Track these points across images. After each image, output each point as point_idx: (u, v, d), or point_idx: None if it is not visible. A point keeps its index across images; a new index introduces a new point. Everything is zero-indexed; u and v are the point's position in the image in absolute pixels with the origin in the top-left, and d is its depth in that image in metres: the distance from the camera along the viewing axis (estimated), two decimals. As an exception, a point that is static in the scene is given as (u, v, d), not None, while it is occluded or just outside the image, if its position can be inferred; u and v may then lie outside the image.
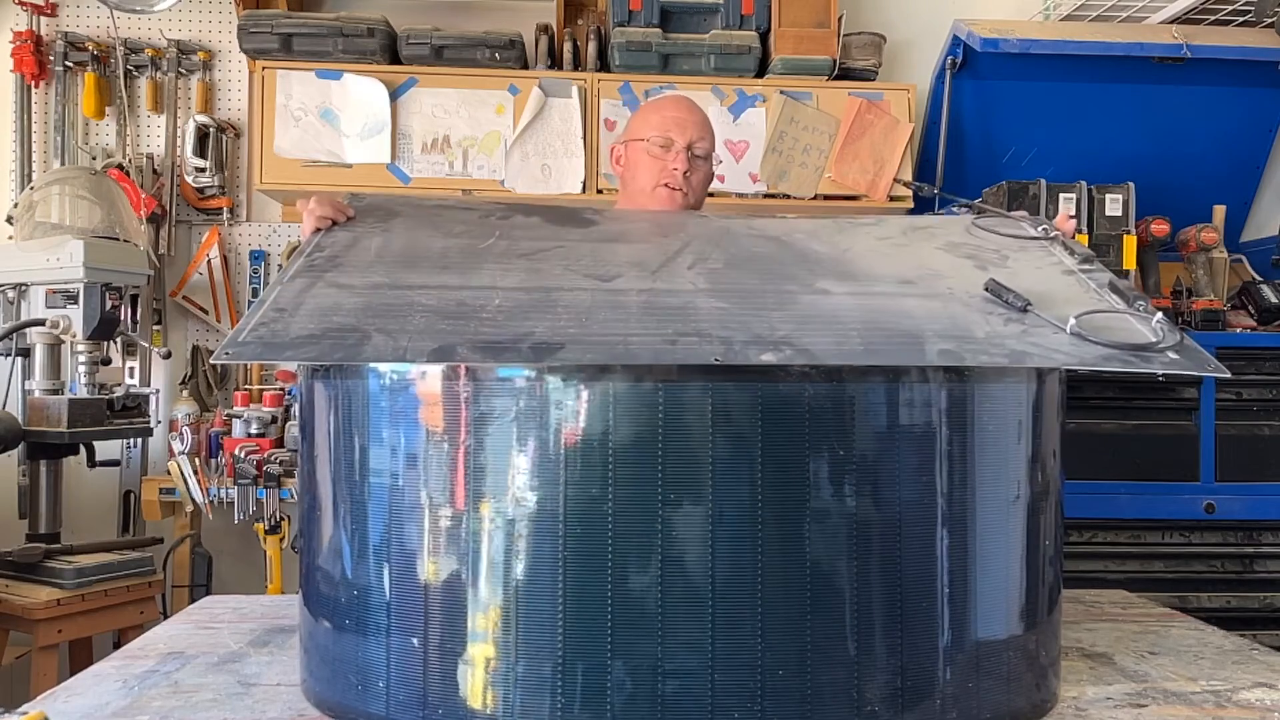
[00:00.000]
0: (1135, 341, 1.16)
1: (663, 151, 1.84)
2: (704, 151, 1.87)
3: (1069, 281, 1.36)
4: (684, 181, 1.84)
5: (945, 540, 1.04)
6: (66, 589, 2.34)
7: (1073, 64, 2.91)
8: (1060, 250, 1.45)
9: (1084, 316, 1.19)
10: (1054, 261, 1.42)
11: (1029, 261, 1.43)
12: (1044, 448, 1.14)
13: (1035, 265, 1.42)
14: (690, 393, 0.98)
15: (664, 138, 1.85)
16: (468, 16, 3.21)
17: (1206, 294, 2.80)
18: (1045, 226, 1.50)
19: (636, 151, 1.89)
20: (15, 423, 2.46)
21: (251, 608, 1.59)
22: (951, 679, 1.04)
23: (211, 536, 3.00)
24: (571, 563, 0.99)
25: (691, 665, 0.98)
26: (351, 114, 2.88)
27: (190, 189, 3.09)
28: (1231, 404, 2.68)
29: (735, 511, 0.98)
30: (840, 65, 3.02)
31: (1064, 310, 1.22)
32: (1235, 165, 3.16)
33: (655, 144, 1.85)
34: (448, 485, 1.03)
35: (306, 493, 1.20)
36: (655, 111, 1.92)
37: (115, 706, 1.11)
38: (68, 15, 3.13)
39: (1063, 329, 1.18)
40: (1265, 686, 1.22)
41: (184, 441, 2.60)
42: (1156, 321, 1.19)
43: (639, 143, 1.88)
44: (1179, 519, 2.65)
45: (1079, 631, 1.47)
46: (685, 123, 1.87)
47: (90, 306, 2.49)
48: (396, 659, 1.05)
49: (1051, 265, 1.41)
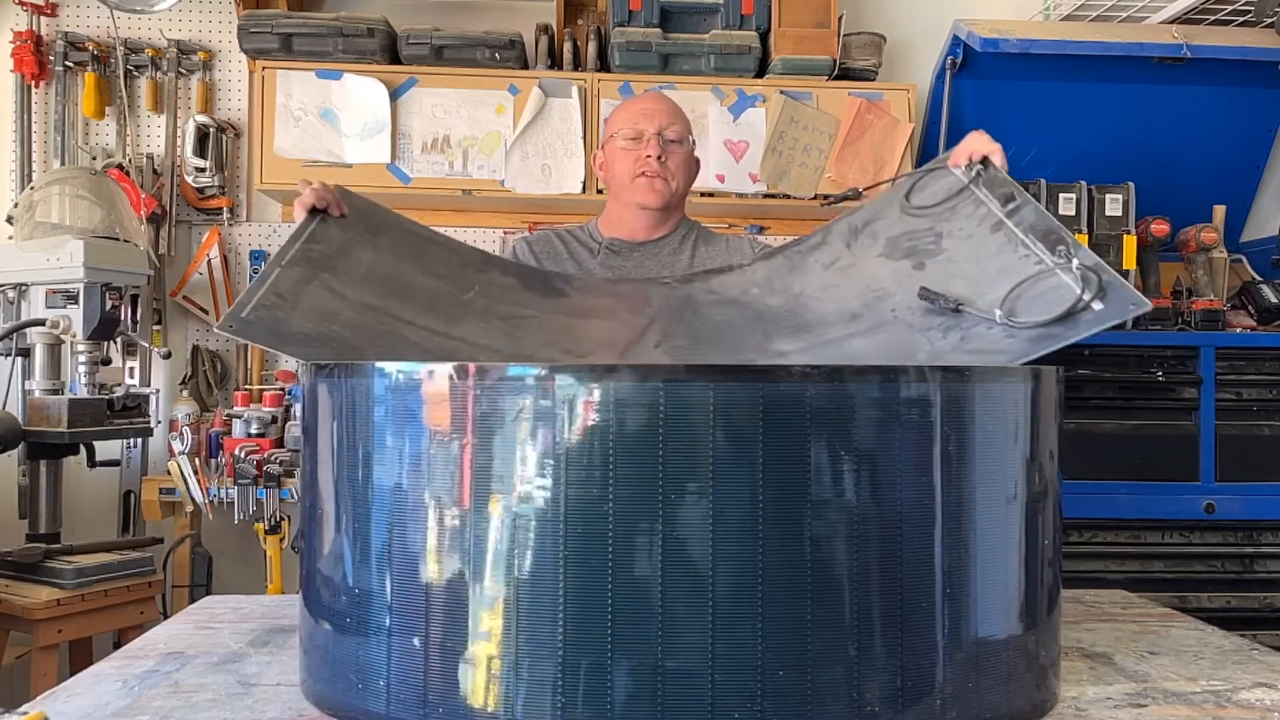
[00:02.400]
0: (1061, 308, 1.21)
1: (634, 143, 1.88)
2: (677, 135, 1.89)
3: (998, 241, 1.43)
4: (661, 167, 1.87)
5: (945, 540, 1.04)
6: (66, 589, 2.34)
7: (1073, 64, 2.91)
8: (984, 193, 1.51)
9: (1010, 297, 1.24)
10: (982, 215, 1.49)
11: (960, 229, 1.50)
12: (1042, 447, 1.14)
13: (966, 233, 1.49)
14: (693, 392, 0.98)
15: (633, 129, 1.89)
16: (468, 16, 3.21)
17: (1206, 294, 2.80)
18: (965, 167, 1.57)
19: (611, 150, 1.93)
20: (15, 423, 2.46)
21: (251, 608, 1.59)
22: (951, 679, 1.04)
23: (211, 536, 3.00)
24: (573, 562, 0.99)
25: (692, 665, 0.98)
26: (351, 114, 2.89)
27: (190, 189, 3.09)
28: (1231, 404, 2.68)
29: (736, 511, 0.98)
30: (840, 65, 3.02)
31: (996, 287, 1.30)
32: (1235, 165, 3.16)
33: (626, 137, 1.89)
34: (450, 484, 1.03)
35: (308, 492, 1.20)
36: (624, 109, 1.97)
37: (115, 706, 1.11)
38: (68, 15, 3.13)
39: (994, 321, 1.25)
40: (1265, 686, 1.22)
41: (184, 441, 2.60)
42: (1077, 268, 1.23)
43: (612, 141, 1.93)
44: (1179, 519, 2.65)
45: (1079, 631, 1.47)
46: (652, 112, 1.90)
47: (90, 306, 2.49)
48: (397, 658, 1.05)
49: (980, 222, 1.48)
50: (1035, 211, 1.42)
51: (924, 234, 1.53)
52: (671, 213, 1.94)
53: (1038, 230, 1.37)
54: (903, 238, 1.57)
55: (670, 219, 1.95)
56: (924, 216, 1.57)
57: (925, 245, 1.51)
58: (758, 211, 3.15)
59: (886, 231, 1.61)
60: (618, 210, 1.96)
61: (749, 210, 3.13)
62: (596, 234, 1.96)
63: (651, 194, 1.87)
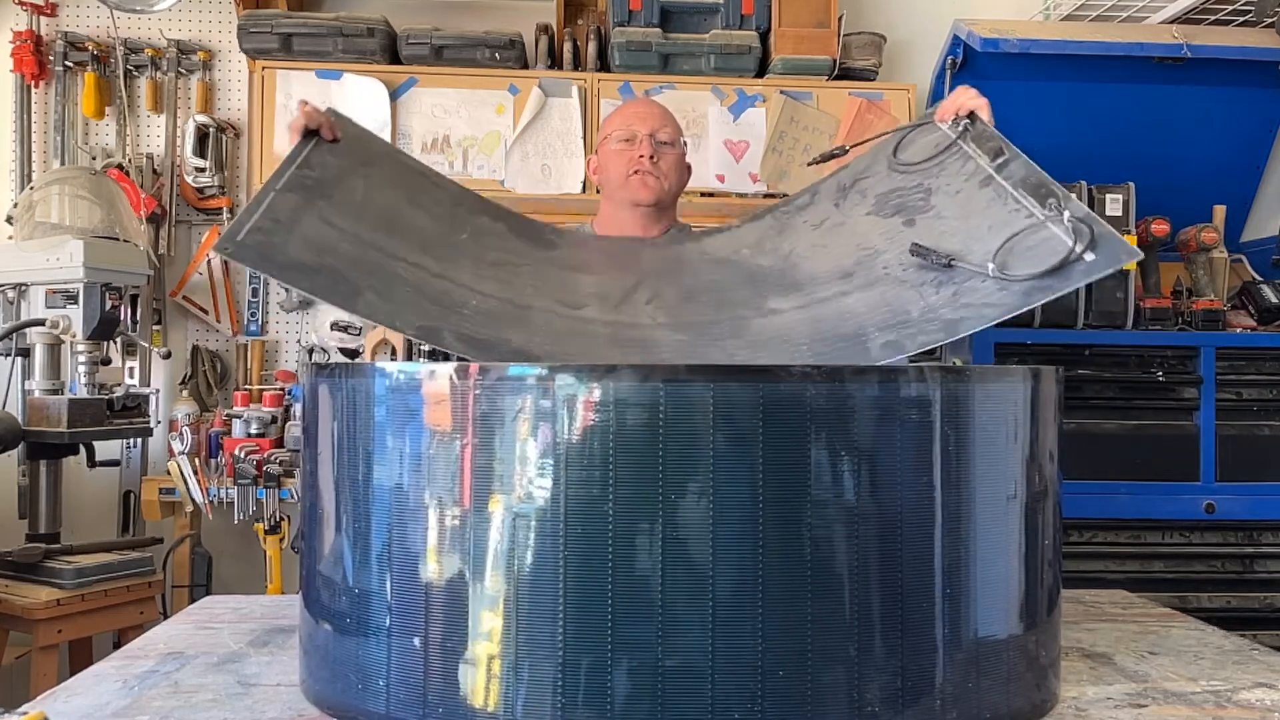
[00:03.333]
0: (1054, 260, 1.21)
1: (628, 144, 1.92)
2: (669, 138, 1.93)
3: (987, 196, 1.42)
4: (653, 166, 1.90)
5: (945, 540, 1.04)
6: (66, 589, 2.34)
7: (1073, 64, 2.90)
8: (972, 148, 1.51)
9: (1002, 250, 1.25)
10: (970, 170, 1.49)
11: (949, 185, 1.50)
12: (1042, 446, 1.14)
13: (955, 189, 1.48)
14: (693, 391, 0.98)
15: (627, 131, 1.93)
16: (468, 16, 3.21)
17: (1206, 294, 2.80)
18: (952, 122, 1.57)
19: (605, 152, 1.97)
20: (15, 423, 2.46)
21: (251, 608, 1.59)
22: (951, 679, 1.04)
23: (211, 536, 3.00)
24: (573, 561, 0.99)
25: (692, 665, 0.98)
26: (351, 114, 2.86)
27: (190, 189, 3.09)
28: (1231, 404, 2.67)
29: (736, 510, 0.98)
30: (840, 65, 3.02)
31: (987, 243, 1.29)
32: (1235, 165, 3.16)
33: (620, 139, 1.93)
34: (450, 484, 1.03)
35: (309, 492, 1.20)
36: (617, 113, 2.03)
37: (115, 706, 1.11)
38: (68, 15, 3.13)
39: (986, 275, 1.25)
40: (1265, 686, 1.22)
41: (184, 441, 2.60)
42: (1068, 220, 1.24)
43: (605, 143, 1.97)
44: (1179, 519, 2.65)
45: (1079, 631, 1.47)
46: (644, 115, 1.96)
47: (90, 306, 2.49)
48: (397, 658, 1.05)
49: (969, 178, 1.47)
50: (1025, 165, 1.41)
51: (912, 191, 1.53)
52: (664, 212, 1.96)
53: (1028, 184, 1.36)
54: (891, 194, 1.56)
55: (662, 219, 1.97)
56: (912, 173, 1.56)
57: (914, 202, 1.50)
58: (757, 211, 3.14)
59: (875, 189, 1.60)
60: (612, 211, 1.98)
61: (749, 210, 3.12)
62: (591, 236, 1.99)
63: (644, 190, 1.90)
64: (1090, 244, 1.20)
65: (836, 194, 1.67)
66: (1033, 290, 1.19)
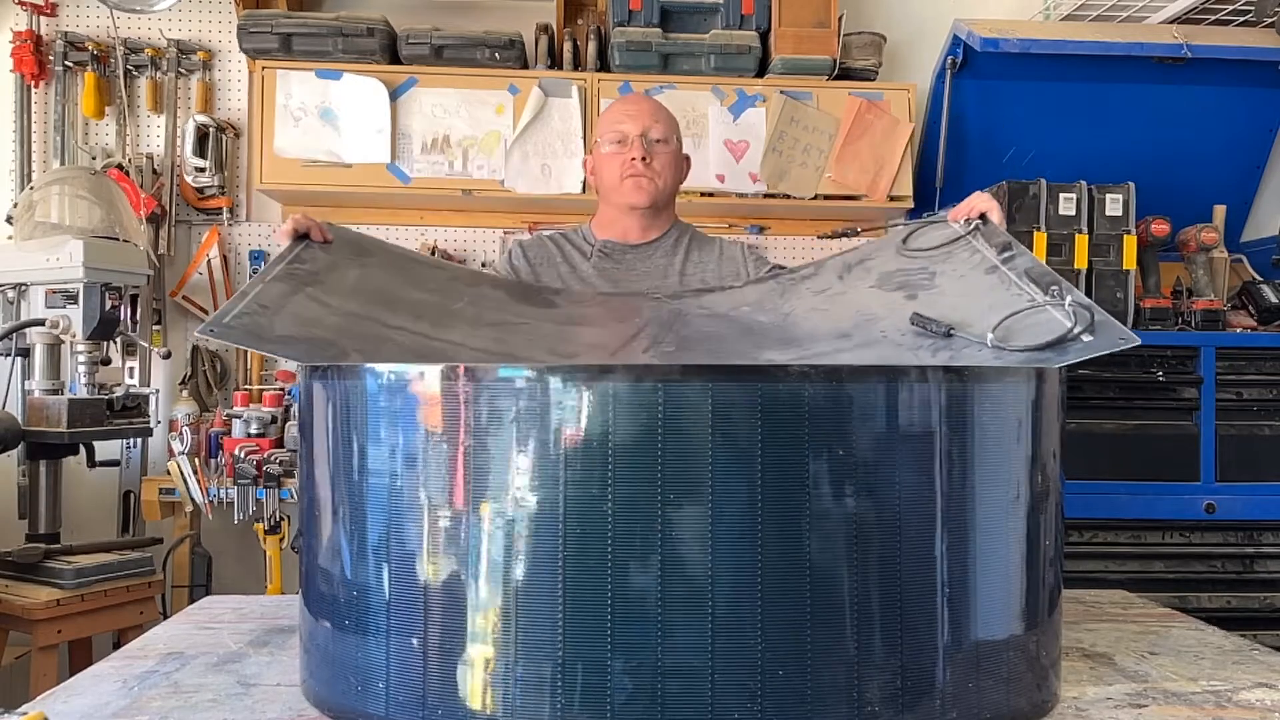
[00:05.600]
0: (1051, 336, 1.21)
1: (620, 147, 1.90)
2: (661, 135, 1.91)
3: (990, 281, 1.43)
4: (646, 168, 1.89)
5: (945, 540, 1.04)
6: (66, 589, 2.34)
7: (1073, 64, 2.91)
8: (980, 243, 1.53)
9: (1002, 325, 1.26)
10: (977, 261, 1.51)
11: (954, 270, 1.52)
12: (1044, 447, 1.14)
13: (960, 274, 1.50)
14: (691, 392, 0.98)
15: (617, 133, 1.91)
16: (468, 16, 3.21)
17: (1206, 294, 2.80)
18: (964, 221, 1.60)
19: (598, 155, 1.96)
20: (15, 423, 2.46)
21: (251, 608, 1.59)
22: (952, 679, 1.04)
23: (211, 536, 3.00)
24: (571, 563, 0.99)
25: (691, 665, 0.98)
26: (351, 114, 2.89)
27: (190, 189, 3.09)
28: (1231, 404, 2.68)
29: (735, 511, 0.98)
30: (840, 65, 3.02)
31: (986, 319, 1.29)
32: (1235, 165, 3.16)
33: (611, 141, 1.92)
34: (447, 485, 1.03)
35: (306, 493, 1.20)
36: (608, 114, 2.01)
37: (115, 707, 1.11)
38: (68, 15, 3.13)
39: (984, 345, 1.25)
40: (1265, 686, 1.22)
41: (184, 441, 2.60)
42: (1069, 305, 1.24)
43: (598, 146, 1.96)
44: (1179, 519, 2.65)
45: (1079, 631, 1.47)
46: (635, 114, 1.93)
47: (90, 306, 2.49)
48: (396, 659, 1.05)
49: (974, 266, 1.50)
50: (1031, 259, 1.44)
51: (917, 272, 1.55)
52: (661, 212, 1.96)
53: (1032, 274, 1.38)
54: (896, 273, 1.59)
55: (661, 219, 1.96)
56: (919, 258, 1.59)
57: (918, 280, 1.53)
58: (758, 211, 3.15)
59: (880, 268, 1.63)
60: (609, 213, 1.98)
61: (749, 210, 3.12)
62: (590, 236, 1.98)
63: (638, 193, 1.89)
64: (1089, 327, 1.20)
65: (841, 269, 1.70)
66: (1029, 362, 1.20)
